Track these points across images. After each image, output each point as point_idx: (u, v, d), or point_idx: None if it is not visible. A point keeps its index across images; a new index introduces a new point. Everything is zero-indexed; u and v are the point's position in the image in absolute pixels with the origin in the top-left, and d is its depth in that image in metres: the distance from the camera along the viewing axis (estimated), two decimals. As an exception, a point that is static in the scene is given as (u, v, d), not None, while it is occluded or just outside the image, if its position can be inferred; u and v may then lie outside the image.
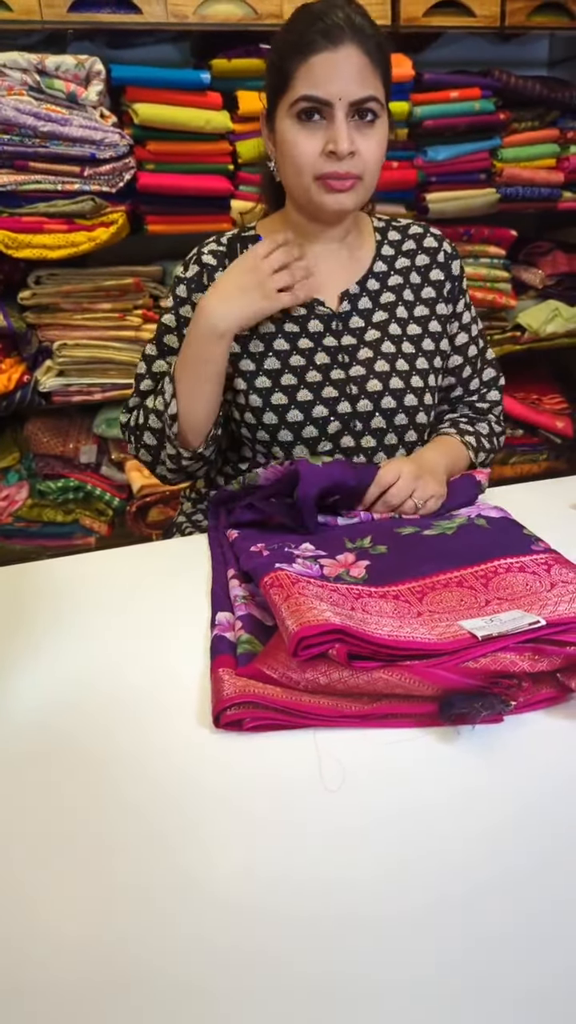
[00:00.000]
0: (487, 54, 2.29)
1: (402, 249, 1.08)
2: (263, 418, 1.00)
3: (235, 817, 0.52)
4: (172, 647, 0.72)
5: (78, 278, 1.88)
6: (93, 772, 0.57)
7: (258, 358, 1.00)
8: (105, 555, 0.94)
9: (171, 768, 0.57)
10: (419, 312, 1.05)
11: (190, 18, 1.77)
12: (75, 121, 1.71)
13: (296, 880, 0.47)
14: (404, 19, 1.91)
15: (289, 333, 1.01)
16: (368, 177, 0.94)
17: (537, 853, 0.49)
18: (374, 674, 0.59)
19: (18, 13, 1.68)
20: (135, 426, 1.05)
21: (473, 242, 2.16)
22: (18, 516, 2.02)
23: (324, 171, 0.92)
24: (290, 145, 0.93)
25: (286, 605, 0.64)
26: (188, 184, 1.85)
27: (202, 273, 1.03)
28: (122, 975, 0.42)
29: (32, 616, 0.79)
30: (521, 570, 0.73)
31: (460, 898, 0.46)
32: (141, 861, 0.49)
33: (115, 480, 2.08)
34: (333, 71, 0.89)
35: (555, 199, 2.18)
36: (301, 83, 0.90)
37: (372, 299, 1.04)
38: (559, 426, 2.31)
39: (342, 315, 1.02)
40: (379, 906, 0.46)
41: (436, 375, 1.05)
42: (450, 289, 1.08)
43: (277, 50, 0.94)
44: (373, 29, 0.92)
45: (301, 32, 0.90)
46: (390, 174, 1.99)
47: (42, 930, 0.45)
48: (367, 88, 0.90)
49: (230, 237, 1.05)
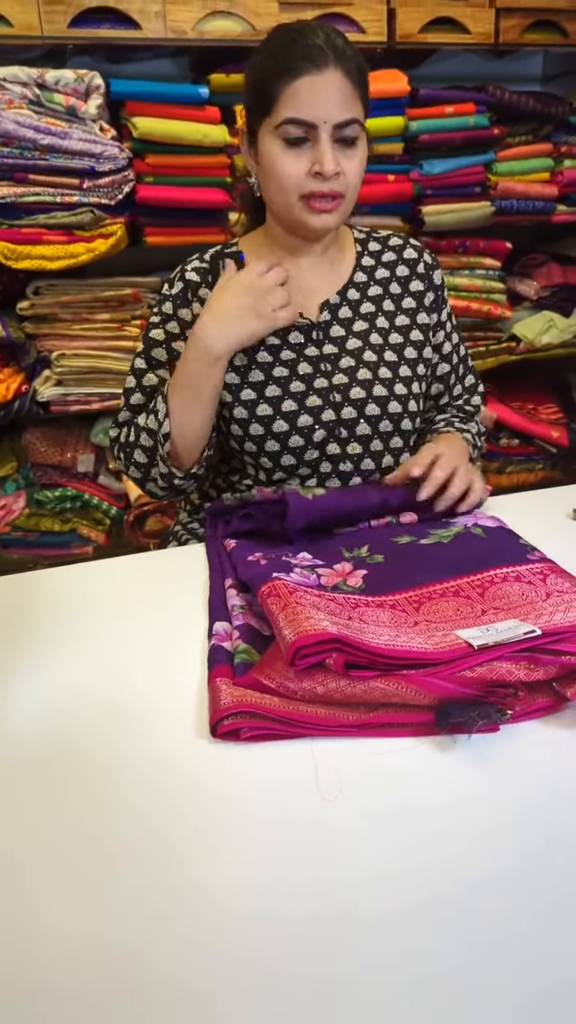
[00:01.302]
0: (482, 70, 2.32)
1: (382, 260, 1.09)
2: (249, 429, 1.01)
3: (233, 826, 0.53)
4: (170, 657, 0.72)
5: (77, 289, 1.89)
6: (91, 781, 0.57)
7: (242, 371, 1.01)
8: (102, 564, 0.94)
9: (169, 777, 0.57)
10: (400, 321, 1.07)
11: (189, 34, 1.79)
12: (75, 134, 1.73)
13: (294, 888, 0.48)
14: (400, 35, 1.93)
15: (271, 345, 1.02)
16: (350, 195, 0.97)
17: (533, 860, 0.49)
18: (371, 683, 0.60)
19: (19, 28, 1.69)
20: (125, 443, 1.04)
21: (468, 254, 2.18)
22: (15, 525, 2.02)
23: (310, 190, 0.94)
24: (276, 165, 0.94)
25: (283, 615, 0.64)
26: (186, 196, 1.87)
27: (186, 290, 1.04)
28: (124, 980, 0.43)
29: (30, 626, 0.79)
30: (517, 580, 0.73)
31: (456, 905, 0.46)
32: (140, 869, 0.50)
33: (112, 489, 2.09)
34: (318, 94, 0.90)
35: (549, 212, 2.20)
36: (286, 106, 0.91)
37: (352, 309, 1.05)
38: (555, 436, 2.32)
39: (322, 325, 1.04)
40: (376, 913, 0.46)
41: (420, 382, 1.06)
42: (433, 299, 1.09)
43: (259, 71, 0.95)
44: (352, 51, 0.93)
45: (284, 55, 0.91)
46: (386, 187, 2.01)
47: (43, 935, 0.45)
48: (350, 111, 0.92)
49: (212, 253, 1.07)
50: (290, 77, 0.90)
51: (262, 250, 1.06)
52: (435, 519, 0.90)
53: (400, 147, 2.02)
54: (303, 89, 0.90)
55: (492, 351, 2.25)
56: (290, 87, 0.91)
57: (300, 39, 0.91)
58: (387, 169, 2.01)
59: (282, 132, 0.92)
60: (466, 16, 1.97)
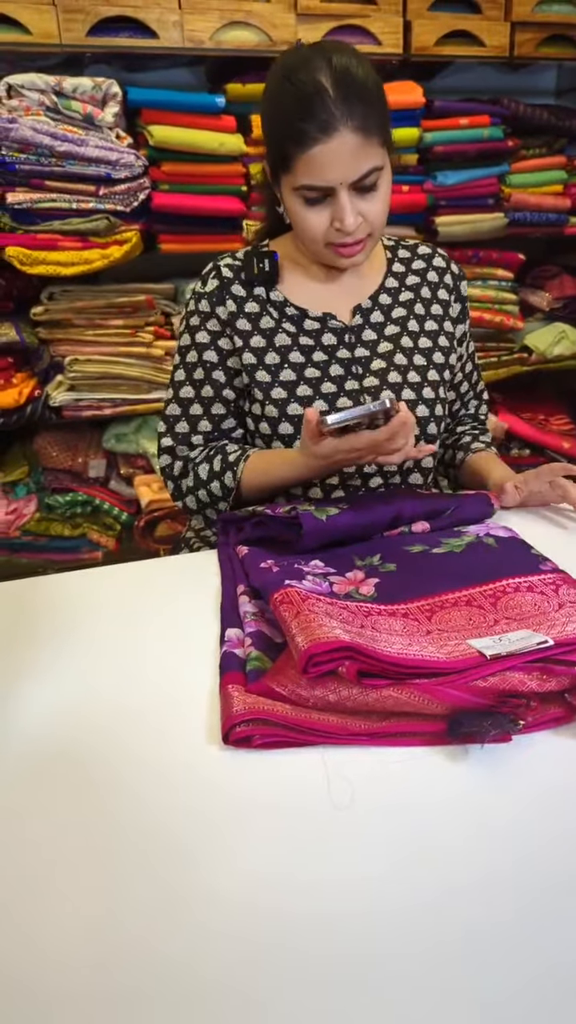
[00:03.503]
0: (496, 82, 2.33)
1: (412, 267, 1.11)
2: (278, 428, 1.01)
3: (243, 833, 0.53)
4: (181, 663, 0.72)
5: (91, 295, 1.90)
6: (101, 787, 0.57)
7: (274, 370, 1.02)
8: (113, 570, 0.94)
9: (179, 784, 0.57)
10: (429, 327, 1.08)
11: (206, 43, 1.81)
12: (91, 142, 1.74)
13: (304, 896, 0.48)
14: (416, 48, 1.94)
15: (304, 346, 1.03)
16: (378, 230, 0.98)
17: (545, 868, 0.49)
18: (383, 692, 0.60)
19: (37, 37, 1.71)
20: (184, 491, 1.05)
21: (481, 265, 2.19)
22: (26, 530, 2.03)
23: (334, 241, 0.96)
24: (298, 219, 0.96)
25: (296, 622, 0.64)
26: (201, 204, 1.88)
27: (222, 287, 1.04)
28: (135, 983, 0.42)
29: (39, 631, 0.79)
30: (529, 590, 0.73)
31: (470, 915, 0.46)
32: (150, 875, 0.50)
33: (123, 495, 2.09)
34: (330, 161, 0.90)
35: (562, 224, 2.21)
36: (301, 173, 0.92)
37: (384, 313, 1.07)
38: (565, 446, 2.32)
39: (355, 328, 1.05)
40: (386, 921, 0.46)
41: (445, 387, 1.08)
42: (460, 310, 1.12)
43: (272, 125, 0.94)
44: (360, 90, 0.88)
45: (291, 119, 0.89)
46: (401, 197, 2.02)
47: (52, 938, 0.45)
48: (366, 164, 0.91)
49: (246, 252, 1.07)
50: (300, 147, 0.89)
51: (295, 254, 1.07)
52: (447, 528, 0.90)
53: (415, 158, 2.03)
54: (316, 158, 0.89)
55: (504, 362, 2.25)
56: (302, 156, 0.90)
57: (305, 97, 0.88)
58: (401, 180, 2.02)
59: (301, 193, 0.93)
60: (481, 29, 1.99)
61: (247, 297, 1.04)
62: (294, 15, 1.85)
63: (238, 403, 1.06)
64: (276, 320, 1.04)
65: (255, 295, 1.04)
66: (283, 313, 1.04)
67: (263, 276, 1.03)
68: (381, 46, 1.91)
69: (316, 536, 0.85)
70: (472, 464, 1.13)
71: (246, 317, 1.04)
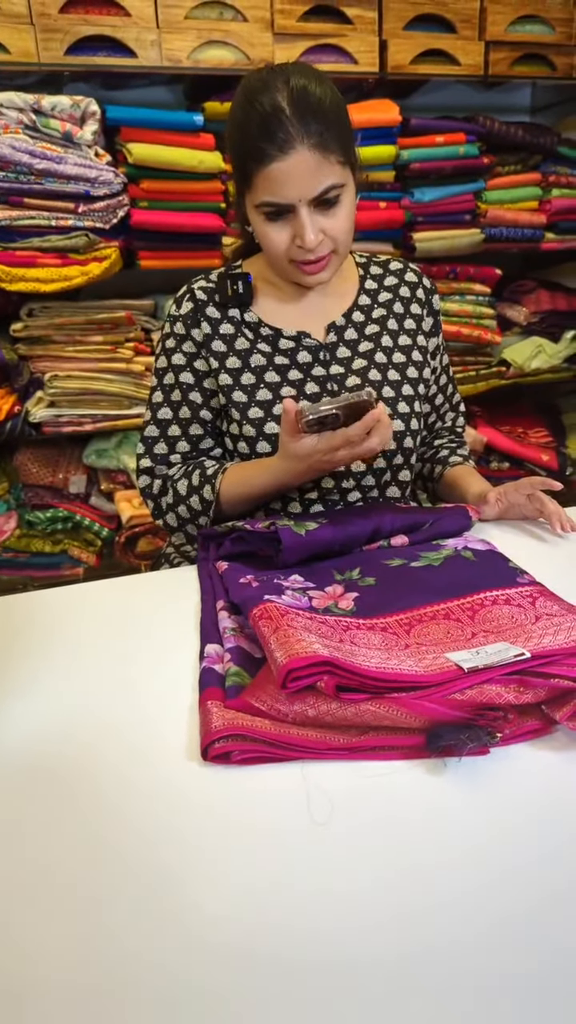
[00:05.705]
0: (472, 100, 2.37)
1: (384, 284, 1.12)
2: (256, 447, 1.02)
3: (224, 849, 0.52)
4: (160, 679, 0.72)
5: (70, 311, 1.90)
6: (80, 803, 0.57)
7: (250, 390, 1.03)
8: (93, 586, 0.94)
9: (159, 800, 0.57)
10: (403, 342, 1.09)
11: (184, 62, 1.83)
12: (70, 159, 1.75)
13: (284, 912, 0.47)
14: (392, 66, 1.97)
15: (279, 365, 1.04)
16: (341, 247, 0.98)
17: (524, 882, 0.49)
18: (362, 706, 0.60)
19: (16, 55, 1.72)
20: (164, 508, 1.05)
21: (459, 280, 2.21)
22: (6, 546, 2.02)
23: (296, 258, 0.97)
24: (261, 236, 0.97)
25: (275, 637, 0.65)
26: (180, 221, 1.89)
27: (196, 309, 1.05)
28: (119, 1001, 0.42)
29: (19, 647, 0.79)
30: (507, 603, 0.74)
31: (447, 928, 0.46)
32: (131, 891, 0.49)
33: (104, 510, 2.09)
34: (288, 178, 0.91)
35: (538, 240, 2.24)
36: (261, 189, 0.93)
37: (357, 330, 1.07)
38: (544, 459, 2.34)
39: (328, 346, 1.05)
40: (367, 934, 0.45)
41: (420, 401, 1.09)
42: (432, 324, 1.13)
43: (233, 145, 0.96)
44: (317, 109, 0.89)
45: (250, 137, 0.91)
46: (378, 214, 2.04)
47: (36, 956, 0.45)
48: (324, 180, 0.92)
49: (219, 274, 1.08)
50: (259, 164, 0.91)
51: (267, 274, 1.07)
52: (426, 542, 0.91)
53: (391, 175, 2.05)
54: (273, 175, 0.91)
55: (482, 375, 2.27)
56: (260, 173, 0.91)
57: (262, 118, 0.89)
58: (379, 196, 2.04)
59: (261, 210, 0.95)
60: (456, 48, 2.02)
61: (221, 319, 1.05)
62: (271, 34, 1.87)
63: (216, 423, 1.06)
64: (251, 340, 1.04)
65: (229, 316, 1.05)
66: (257, 333, 1.05)
67: (237, 298, 1.04)
68: (358, 65, 1.94)
69: (295, 551, 0.85)
70: (450, 477, 1.14)
71: (221, 339, 1.04)
